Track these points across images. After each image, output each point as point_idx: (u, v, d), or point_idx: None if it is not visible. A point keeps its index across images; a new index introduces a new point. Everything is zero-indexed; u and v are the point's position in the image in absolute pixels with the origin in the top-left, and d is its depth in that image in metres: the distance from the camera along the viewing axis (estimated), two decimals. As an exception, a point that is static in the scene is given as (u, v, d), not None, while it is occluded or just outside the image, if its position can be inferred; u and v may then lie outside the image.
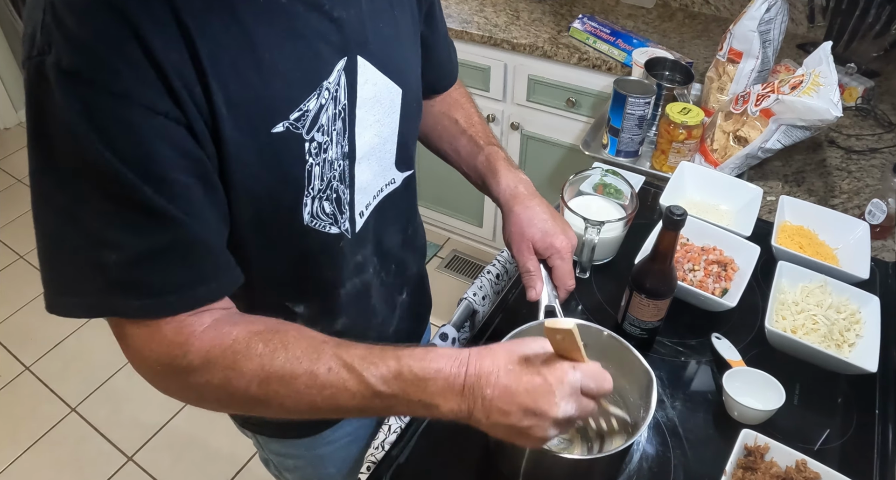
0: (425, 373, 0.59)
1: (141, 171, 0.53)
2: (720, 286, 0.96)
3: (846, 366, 0.84)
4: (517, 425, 0.58)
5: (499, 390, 0.58)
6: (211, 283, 0.60)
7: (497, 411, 0.58)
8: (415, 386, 0.59)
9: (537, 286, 0.82)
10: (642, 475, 0.77)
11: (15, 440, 1.98)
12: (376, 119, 0.71)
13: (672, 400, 0.86)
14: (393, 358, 0.60)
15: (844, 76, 1.56)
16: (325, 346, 0.60)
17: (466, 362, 0.59)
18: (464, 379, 0.59)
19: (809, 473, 0.72)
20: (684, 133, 1.28)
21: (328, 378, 0.59)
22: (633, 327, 0.88)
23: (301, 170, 0.64)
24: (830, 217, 1.09)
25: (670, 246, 0.79)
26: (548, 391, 0.58)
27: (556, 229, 0.84)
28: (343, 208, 0.72)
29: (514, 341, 0.62)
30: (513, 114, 2.01)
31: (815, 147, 1.42)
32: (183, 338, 0.58)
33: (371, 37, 0.67)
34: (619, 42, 1.72)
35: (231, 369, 0.58)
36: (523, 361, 0.59)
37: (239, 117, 0.57)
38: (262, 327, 0.61)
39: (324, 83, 0.63)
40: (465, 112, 0.96)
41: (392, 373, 0.59)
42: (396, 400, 0.59)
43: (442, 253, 2.60)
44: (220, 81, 0.55)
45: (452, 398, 0.59)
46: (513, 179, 0.87)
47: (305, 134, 0.62)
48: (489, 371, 0.59)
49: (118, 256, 0.55)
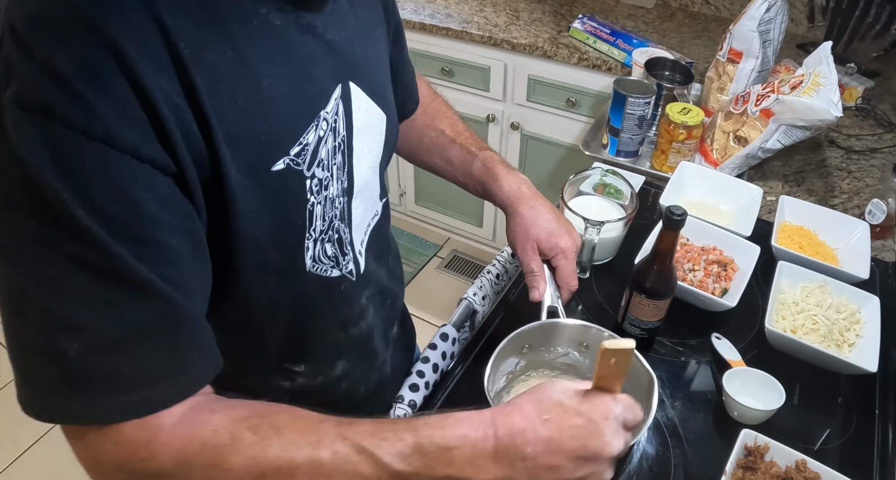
0: (448, 442, 0.51)
1: (120, 232, 0.44)
2: (720, 286, 0.96)
3: (846, 366, 0.84)
4: (570, 478, 0.52)
5: (541, 445, 0.51)
6: (194, 370, 0.51)
7: (544, 469, 0.51)
8: (439, 459, 0.51)
9: (540, 286, 0.82)
10: (642, 475, 0.77)
11: (15, 440, 1.98)
12: (369, 149, 0.67)
13: (672, 399, 0.86)
14: (407, 430, 0.51)
15: (844, 76, 1.56)
16: (324, 426, 0.51)
17: (492, 422, 0.52)
18: (495, 442, 0.51)
19: (809, 473, 0.72)
20: (684, 133, 1.28)
21: (335, 463, 0.50)
22: (633, 327, 0.88)
23: (302, 210, 0.58)
24: (830, 217, 1.09)
25: (670, 246, 0.79)
26: (596, 431, 0.52)
27: (561, 229, 0.83)
28: (345, 249, 0.67)
29: (533, 392, 0.55)
30: (513, 114, 2.01)
31: (815, 147, 1.42)
32: (149, 436, 0.48)
33: (360, 61, 0.63)
34: (619, 42, 1.72)
35: (215, 467, 0.48)
36: (556, 407, 0.52)
37: (238, 155, 0.50)
38: (247, 412, 0.51)
39: (321, 113, 0.58)
40: (450, 121, 0.93)
41: (410, 448, 0.50)
42: (417, 478, 0.51)
43: (442, 253, 2.60)
44: (218, 115, 0.48)
45: (485, 466, 0.51)
46: (515, 181, 0.86)
47: (306, 170, 0.57)
48: (522, 427, 0.51)
49: (82, 343, 0.45)
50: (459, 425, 0.52)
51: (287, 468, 0.49)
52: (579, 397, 0.53)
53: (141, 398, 0.48)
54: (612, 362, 0.51)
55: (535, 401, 0.53)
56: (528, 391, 0.56)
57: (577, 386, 0.55)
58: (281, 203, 0.56)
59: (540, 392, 0.55)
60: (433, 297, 2.38)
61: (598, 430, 0.52)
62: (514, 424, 0.52)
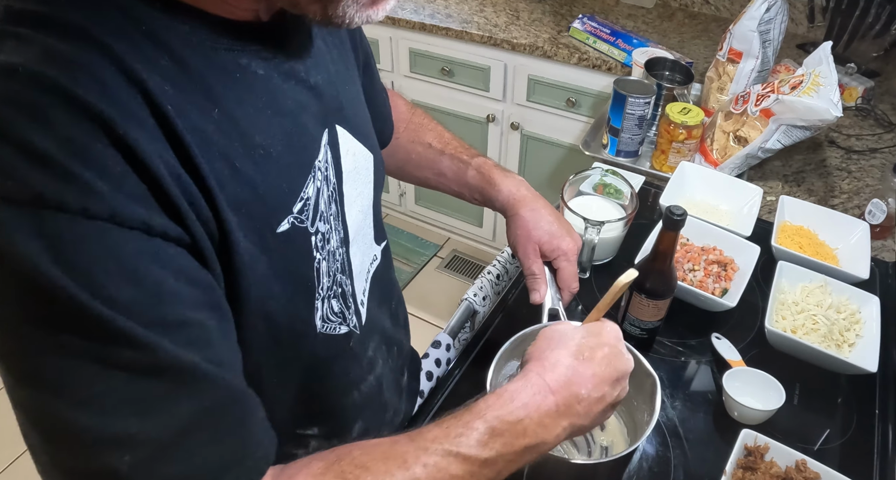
0: (516, 416, 0.54)
1: (146, 317, 0.39)
2: (720, 286, 0.96)
3: (846, 366, 0.84)
4: (612, 401, 0.59)
5: (589, 382, 0.57)
6: (258, 450, 0.47)
7: (595, 402, 0.57)
8: (514, 434, 0.53)
9: (541, 289, 0.82)
10: (642, 475, 0.77)
11: (15, 440, 1.97)
12: (358, 193, 0.64)
13: (672, 399, 0.86)
14: (476, 419, 0.53)
15: (844, 76, 1.56)
16: (401, 447, 0.51)
17: (545, 383, 0.56)
18: (554, 399, 0.55)
19: (809, 473, 0.72)
20: (684, 133, 1.28)
21: (429, 474, 0.50)
22: (633, 327, 0.88)
23: (311, 270, 0.56)
24: (830, 217, 1.09)
25: (670, 246, 0.79)
26: (618, 352, 0.60)
27: (563, 231, 0.83)
28: (348, 302, 0.64)
29: (549, 344, 0.61)
30: (513, 114, 2.01)
31: (815, 147, 1.42)
32: None
33: (343, 102, 0.61)
34: (619, 42, 1.72)
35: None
36: (582, 346, 0.59)
37: (243, 220, 0.47)
38: (322, 464, 0.49)
39: (315, 163, 0.55)
40: (435, 133, 0.91)
41: (486, 434, 0.52)
42: (504, 457, 0.53)
43: (442, 253, 2.60)
44: (218, 180, 0.44)
45: (552, 423, 0.55)
46: (513, 184, 0.86)
47: (310, 226, 0.54)
48: (570, 373, 0.57)
49: (134, 455, 0.40)
50: (518, 396, 0.55)
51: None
52: (586, 331, 0.61)
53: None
54: (620, 294, 0.62)
55: (561, 348, 0.59)
56: (539, 346, 0.61)
57: (571, 324, 0.63)
58: (291, 266, 0.53)
59: (556, 338, 0.61)
60: (433, 297, 2.38)
61: (619, 351, 0.60)
62: (563, 375, 0.57)
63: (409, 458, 0.50)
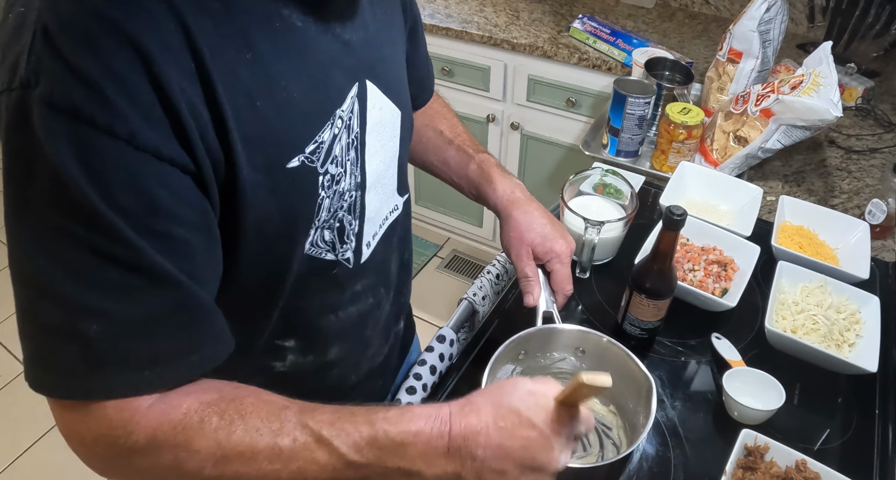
0: (403, 438, 0.54)
1: (140, 225, 0.47)
2: (720, 286, 0.96)
3: (846, 366, 0.84)
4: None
5: (491, 450, 0.54)
6: (205, 351, 0.54)
7: (490, 472, 0.54)
8: (392, 453, 0.54)
9: (535, 291, 0.82)
10: (642, 475, 0.77)
11: (15, 440, 1.98)
12: (381, 144, 0.69)
13: (672, 399, 0.86)
14: (365, 423, 0.54)
15: (844, 76, 1.56)
16: (287, 413, 0.54)
17: (449, 421, 0.55)
18: (448, 441, 0.54)
19: (809, 473, 0.72)
20: (684, 133, 1.28)
21: (294, 450, 0.52)
22: (633, 327, 0.88)
23: (312, 204, 0.60)
24: (830, 217, 1.09)
25: (670, 246, 0.79)
26: (546, 445, 0.54)
27: (556, 234, 0.83)
28: (345, 238, 0.68)
29: (495, 392, 0.57)
30: (513, 114, 2.01)
31: (815, 147, 1.42)
32: (127, 415, 0.50)
33: (377, 59, 0.65)
34: (619, 42, 1.72)
35: (182, 448, 0.51)
36: (512, 415, 0.55)
37: (254, 153, 0.52)
38: (216, 396, 0.54)
39: (336, 112, 0.59)
40: (449, 122, 0.94)
41: (366, 440, 0.53)
42: (372, 469, 0.54)
43: (442, 253, 2.60)
44: (236, 116, 0.50)
45: (436, 461, 0.54)
46: (509, 185, 0.86)
47: (320, 167, 0.59)
48: (477, 430, 0.54)
49: (101, 326, 0.48)
50: (416, 421, 0.54)
51: (249, 453, 0.52)
52: (537, 409, 0.55)
53: (154, 374, 0.50)
54: (584, 392, 0.53)
55: (494, 404, 0.56)
56: (490, 388, 0.58)
57: (538, 389, 0.56)
58: (292, 198, 0.58)
59: (502, 394, 0.56)
60: (433, 297, 2.38)
61: (549, 445, 0.55)
62: (470, 426, 0.54)
63: (286, 426, 0.53)
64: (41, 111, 0.43)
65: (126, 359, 0.49)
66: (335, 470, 0.54)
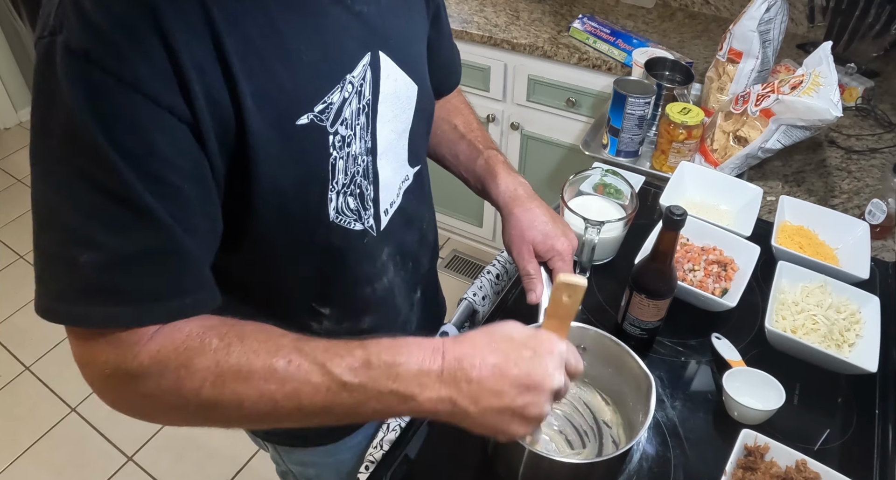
0: (396, 359, 0.55)
1: (136, 165, 0.50)
2: (720, 286, 0.96)
3: (846, 366, 0.84)
4: (511, 405, 0.55)
5: (487, 369, 0.55)
6: (186, 298, 0.56)
7: (488, 393, 0.55)
8: (386, 375, 0.55)
9: (537, 289, 0.82)
10: (642, 475, 0.77)
11: (15, 440, 1.98)
12: (394, 114, 0.72)
13: (672, 399, 0.86)
14: (359, 348, 0.56)
15: (844, 76, 1.56)
16: (284, 339, 0.56)
17: (442, 349, 0.56)
18: (441, 364, 0.55)
19: (809, 473, 0.72)
20: (684, 133, 1.28)
21: (289, 370, 0.54)
22: (633, 327, 0.88)
23: (325, 163, 0.63)
24: (830, 217, 1.09)
25: (670, 246, 0.79)
26: (540, 363, 0.56)
27: (557, 231, 0.83)
28: (367, 204, 0.71)
29: (485, 327, 0.60)
30: (513, 114, 2.01)
31: (815, 147, 1.42)
32: (136, 339, 0.54)
33: (391, 33, 0.68)
34: (619, 42, 1.72)
35: (183, 367, 0.54)
36: (505, 340, 0.57)
37: (265, 109, 0.56)
38: (217, 321, 0.57)
39: (347, 76, 0.62)
40: (465, 118, 0.95)
41: (360, 362, 0.55)
42: (366, 391, 0.55)
43: (442, 253, 2.60)
44: (247, 74, 0.54)
45: (430, 384, 0.55)
46: (512, 182, 0.87)
47: (329, 126, 0.62)
48: (471, 353, 0.56)
49: (91, 256, 0.51)
50: (409, 346, 0.56)
51: (245, 371, 0.54)
52: (528, 333, 0.59)
53: (134, 311, 0.53)
54: (565, 298, 0.57)
55: (486, 333, 0.59)
56: (480, 327, 0.61)
57: (526, 326, 0.60)
58: (304, 154, 0.61)
59: (492, 327, 0.59)
60: (433, 297, 2.38)
61: (543, 362, 0.56)
62: (463, 350, 0.56)
63: (282, 349, 0.55)
64: (62, 54, 0.48)
65: (107, 292, 0.52)
66: (329, 392, 0.55)
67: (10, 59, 3.21)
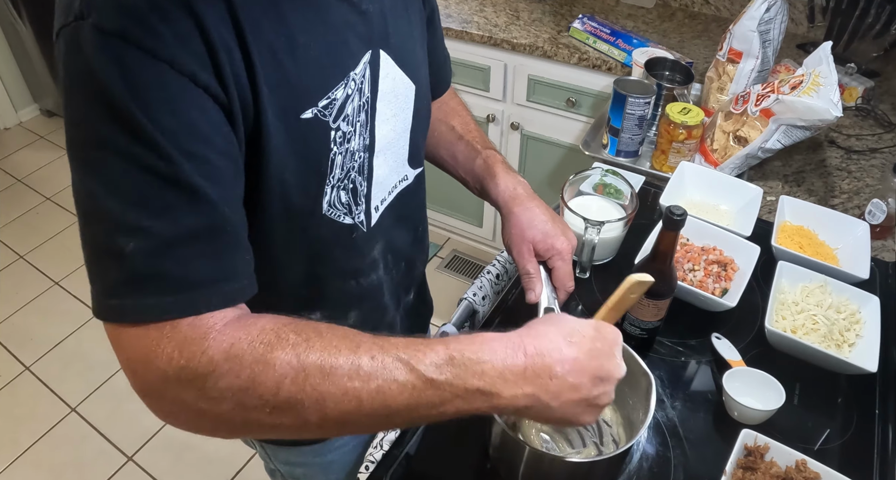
0: (480, 356, 0.53)
1: (178, 143, 0.49)
2: (720, 286, 0.96)
3: (846, 366, 0.84)
4: (588, 396, 0.56)
5: (568, 364, 0.55)
6: (240, 281, 0.54)
7: (569, 388, 0.55)
8: (471, 371, 0.53)
9: (537, 288, 0.82)
10: (642, 475, 0.77)
11: (15, 440, 1.98)
12: (393, 113, 0.72)
13: (672, 399, 0.86)
14: (440, 344, 0.54)
15: (844, 76, 1.56)
16: (362, 337, 0.54)
17: (522, 344, 0.55)
18: (524, 360, 0.54)
19: (809, 473, 0.72)
20: (684, 133, 1.28)
21: (373, 367, 0.51)
22: (633, 327, 0.88)
23: (325, 157, 0.63)
24: (830, 217, 1.09)
25: (670, 246, 0.79)
26: (610, 354, 0.58)
27: (557, 230, 0.84)
28: (358, 200, 0.71)
29: (544, 321, 0.60)
30: (513, 114, 2.01)
31: (815, 147, 1.42)
32: (202, 332, 0.50)
33: (391, 32, 0.69)
34: (619, 42, 1.72)
35: (260, 362, 0.50)
36: (576, 332, 0.58)
37: (275, 100, 0.56)
38: (290, 319, 0.54)
39: (350, 74, 0.63)
40: (462, 119, 0.96)
41: (443, 359, 0.53)
42: (452, 388, 0.52)
43: (442, 253, 2.60)
44: (261, 63, 0.54)
45: (515, 380, 0.54)
46: (511, 181, 0.87)
47: (332, 122, 0.62)
48: (551, 347, 0.55)
49: (139, 243, 0.49)
50: (490, 342, 0.55)
51: (328, 366, 0.51)
52: (593, 325, 0.60)
53: (188, 299, 0.51)
54: (632, 295, 0.60)
55: (555, 325, 0.58)
56: (537, 321, 0.60)
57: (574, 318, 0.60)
58: (306, 148, 0.61)
59: (554, 321, 0.59)
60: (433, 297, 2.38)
61: (612, 353, 0.58)
62: (543, 345, 0.55)
63: (362, 346, 0.52)
64: (93, 36, 0.47)
65: (158, 280, 0.50)
66: (414, 390, 0.52)
67: (10, 59, 3.21)
